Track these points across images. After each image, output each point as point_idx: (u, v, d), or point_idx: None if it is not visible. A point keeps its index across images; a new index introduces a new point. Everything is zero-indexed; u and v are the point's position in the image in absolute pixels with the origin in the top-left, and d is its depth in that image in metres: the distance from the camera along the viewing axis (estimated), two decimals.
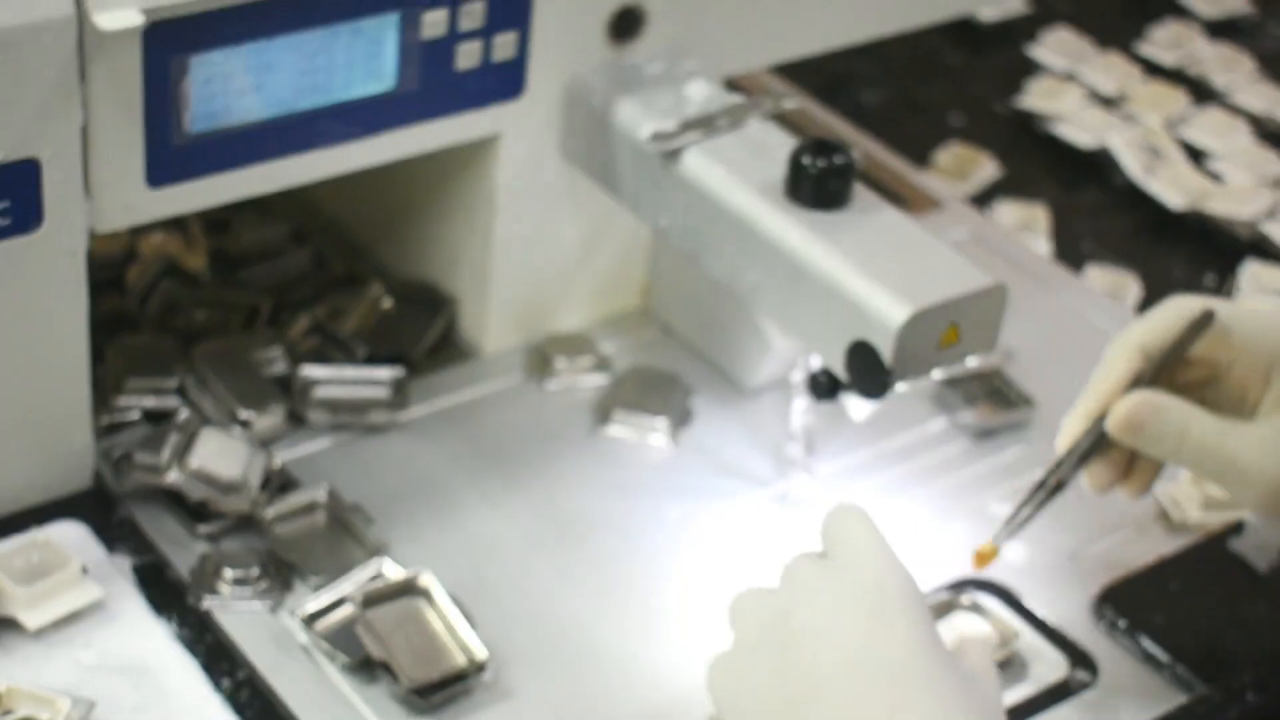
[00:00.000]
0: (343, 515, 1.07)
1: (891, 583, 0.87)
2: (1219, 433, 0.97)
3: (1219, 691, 1.04)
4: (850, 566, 0.88)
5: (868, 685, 0.84)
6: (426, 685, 0.98)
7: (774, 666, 0.87)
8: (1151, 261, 1.47)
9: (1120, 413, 0.98)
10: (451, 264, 1.22)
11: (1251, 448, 0.97)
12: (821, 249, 1.02)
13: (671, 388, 1.20)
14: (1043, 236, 1.46)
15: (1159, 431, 0.98)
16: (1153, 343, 1.00)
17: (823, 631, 0.86)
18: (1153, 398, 0.98)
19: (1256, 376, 0.99)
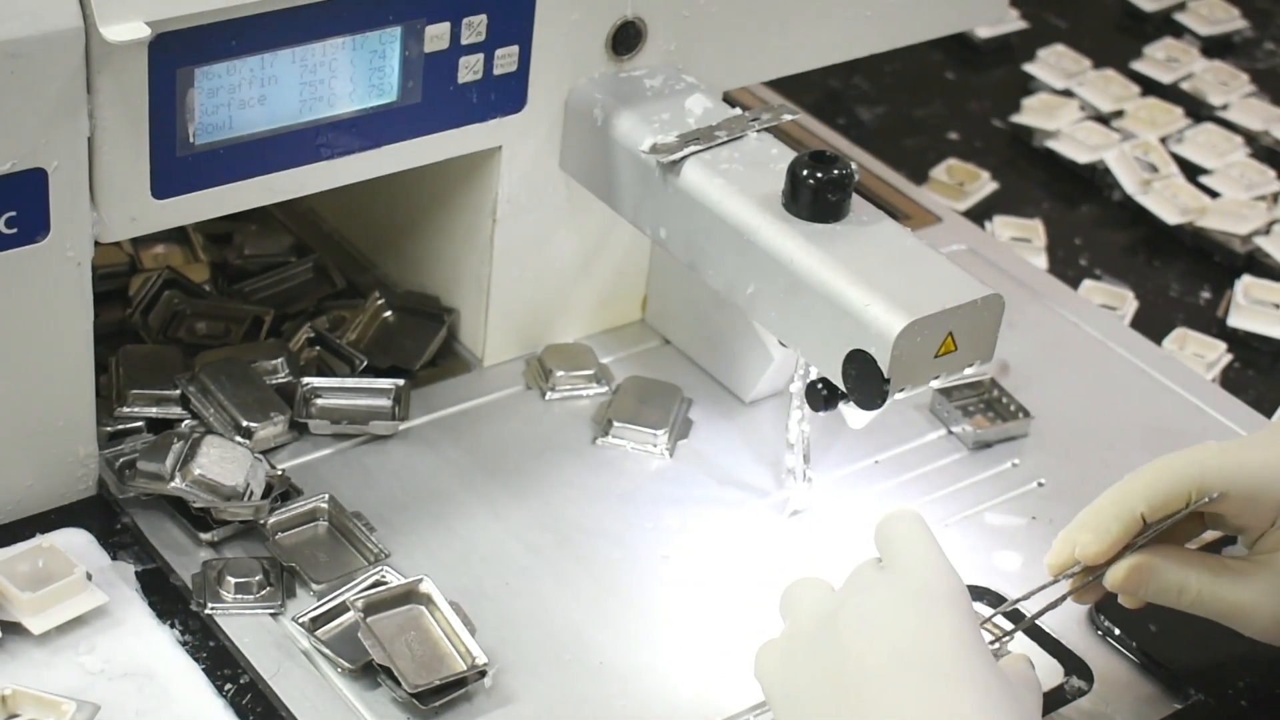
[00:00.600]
0: (344, 523, 1.08)
1: (941, 584, 0.92)
2: (1216, 587, 1.00)
3: (1213, 699, 1.05)
4: (902, 568, 0.93)
5: (916, 677, 0.88)
6: (427, 690, 0.99)
7: (825, 656, 0.90)
8: (1148, 277, 1.48)
9: (1119, 577, 1.00)
10: (452, 276, 1.23)
11: (1252, 594, 1.00)
12: (819, 260, 1.03)
13: (670, 399, 1.21)
14: (1040, 251, 1.47)
15: (1156, 591, 1.01)
16: (1151, 512, 1.01)
17: (875, 624, 0.90)
18: (1150, 561, 1.00)
19: (1258, 518, 1.01)
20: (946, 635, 0.89)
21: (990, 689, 0.89)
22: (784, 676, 0.93)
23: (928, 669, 0.88)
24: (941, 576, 0.92)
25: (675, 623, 1.06)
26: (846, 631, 0.90)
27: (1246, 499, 1.00)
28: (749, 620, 1.03)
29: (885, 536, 0.96)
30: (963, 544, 1.14)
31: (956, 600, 0.91)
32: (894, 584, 0.92)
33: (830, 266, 1.03)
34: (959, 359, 1.03)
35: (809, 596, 0.95)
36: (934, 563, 0.93)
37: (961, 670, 0.88)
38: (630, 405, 1.20)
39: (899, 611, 0.90)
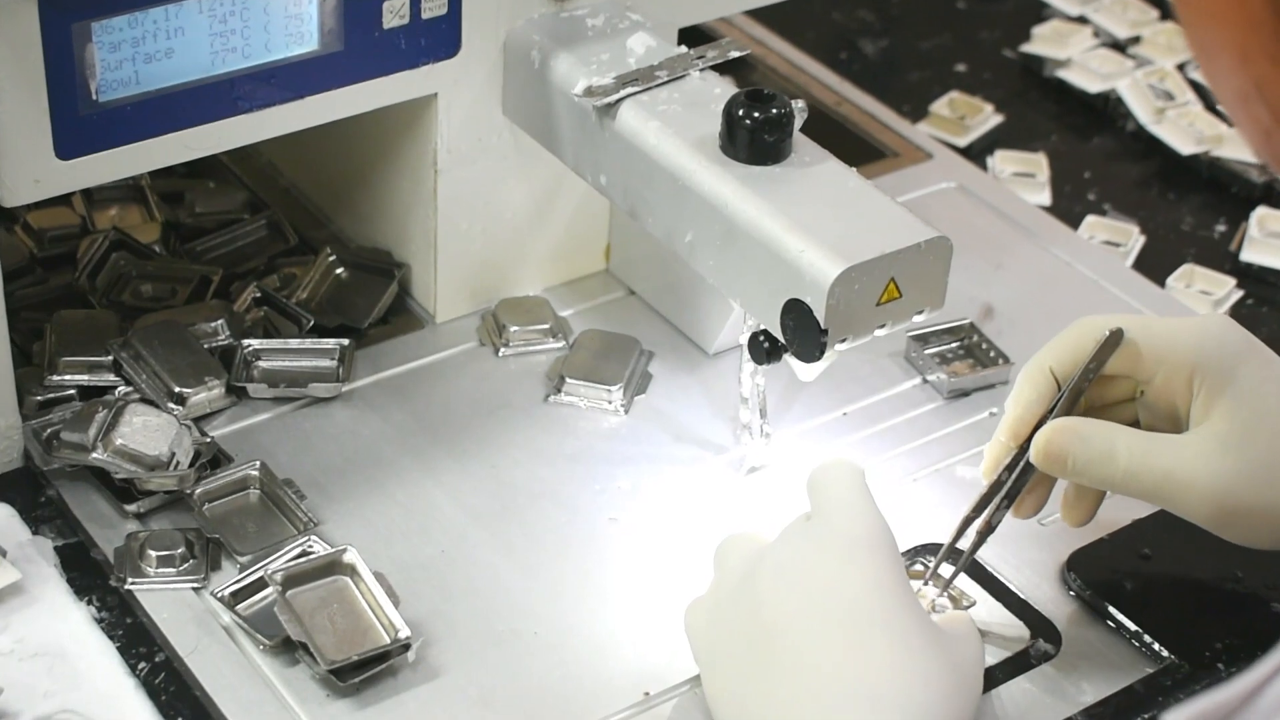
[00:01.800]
0: (275, 491, 1.04)
1: (862, 531, 0.89)
2: (1148, 450, 0.93)
3: (1188, 663, 0.98)
4: (824, 517, 0.90)
5: (825, 624, 0.86)
6: (346, 665, 0.94)
7: (743, 609, 0.89)
8: (1159, 211, 1.40)
9: (1040, 443, 0.95)
10: (401, 230, 1.18)
11: (1186, 461, 0.93)
12: (754, 205, 0.98)
13: (628, 353, 1.15)
14: (1043, 187, 1.40)
15: (1084, 458, 0.94)
16: (1061, 365, 0.96)
17: (791, 575, 0.88)
18: (1073, 423, 0.95)
19: (1180, 387, 0.95)
20: (863, 583, 0.87)
21: (909, 638, 0.86)
22: (706, 632, 0.91)
23: (840, 618, 0.86)
24: (862, 523, 0.89)
25: (618, 590, 1.02)
26: (763, 583, 0.88)
27: (1158, 352, 0.95)
28: (696, 585, 0.97)
29: (813, 487, 0.93)
30: (931, 499, 1.08)
31: (877, 547, 0.88)
32: (814, 533, 0.89)
33: (766, 212, 0.97)
34: (904, 306, 0.97)
35: (737, 551, 0.93)
36: (857, 510, 0.89)
37: (877, 619, 0.86)
38: (585, 360, 1.15)
39: (815, 560, 0.88)
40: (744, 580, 0.90)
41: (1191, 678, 0.98)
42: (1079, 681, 0.98)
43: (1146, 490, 0.93)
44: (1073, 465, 0.94)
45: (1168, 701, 0.97)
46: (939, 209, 1.30)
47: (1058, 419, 0.94)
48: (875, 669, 0.85)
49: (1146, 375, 0.95)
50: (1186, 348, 0.94)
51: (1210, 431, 0.93)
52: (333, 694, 0.94)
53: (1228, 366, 0.93)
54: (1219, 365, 0.93)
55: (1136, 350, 0.95)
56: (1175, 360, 0.94)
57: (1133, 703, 0.97)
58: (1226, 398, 0.93)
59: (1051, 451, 0.94)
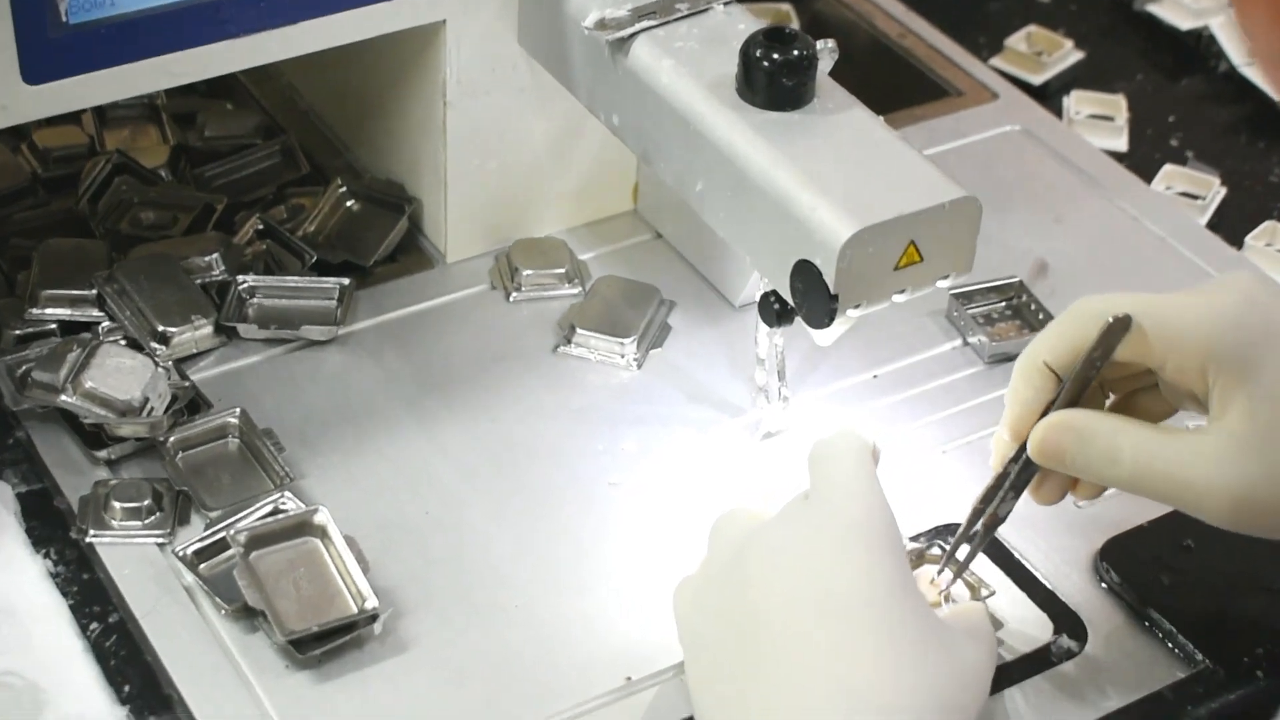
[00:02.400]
0: (254, 441, 0.98)
1: (859, 516, 0.82)
2: (1156, 452, 0.83)
3: (1223, 669, 0.90)
4: (822, 498, 0.83)
5: (816, 620, 0.79)
6: (306, 637, 0.88)
7: (731, 594, 0.83)
8: (1246, 160, 1.30)
9: (1036, 442, 0.86)
10: (412, 163, 1.11)
11: (1200, 465, 0.82)
12: (767, 155, 0.90)
13: (647, 303, 1.08)
14: (1121, 131, 1.31)
15: (1084, 458, 0.85)
16: (1057, 358, 0.86)
17: (781, 561, 0.82)
18: (1071, 420, 0.85)
19: (1193, 377, 0.84)
20: (856, 575, 0.80)
21: (902, 638, 0.79)
22: (692, 615, 0.85)
23: (830, 610, 0.79)
24: (861, 506, 0.82)
25: (610, 562, 0.95)
26: (753, 568, 0.82)
27: (1167, 339, 0.83)
28: (693, 560, 0.90)
29: (814, 462, 0.85)
30: (961, 473, 1.00)
31: (877, 533, 0.81)
32: (809, 516, 0.82)
33: (778, 162, 0.89)
34: (925, 271, 0.89)
35: (732, 529, 0.86)
36: (857, 491, 0.82)
37: (870, 613, 0.79)
38: (600, 309, 1.07)
39: (807, 547, 0.81)
40: (734, 562, 0.84)
41: (1226, 685, 0.90)
42: (1102, 684, 0.90)
43: (1155, 494, 0.84)
44: (1072, 464, 0.85)
45: (1197, 711, 0.89)
46: (998, 154, 1.21)
47: (1055, 414, 0.85)
48: (860, 670, 0.78)
49: (1156, 364, 0.85)
50: (1198, 335, 0.83)
51: (1227, 431, 0.82)
52: (292, 665, 0.88)
53: (1246, 355, 0.82)
54: (1236, 354, 0.83)
55: (1143, 336, 0.84)
56: (1186, 348, 0.83)
57: (1159, 711, 0.89)
58: (1245, 393, 0.82)
59: (1047, 451, 0.85)
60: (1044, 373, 0.85)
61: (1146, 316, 0.84)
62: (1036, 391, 0.86)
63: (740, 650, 0.81)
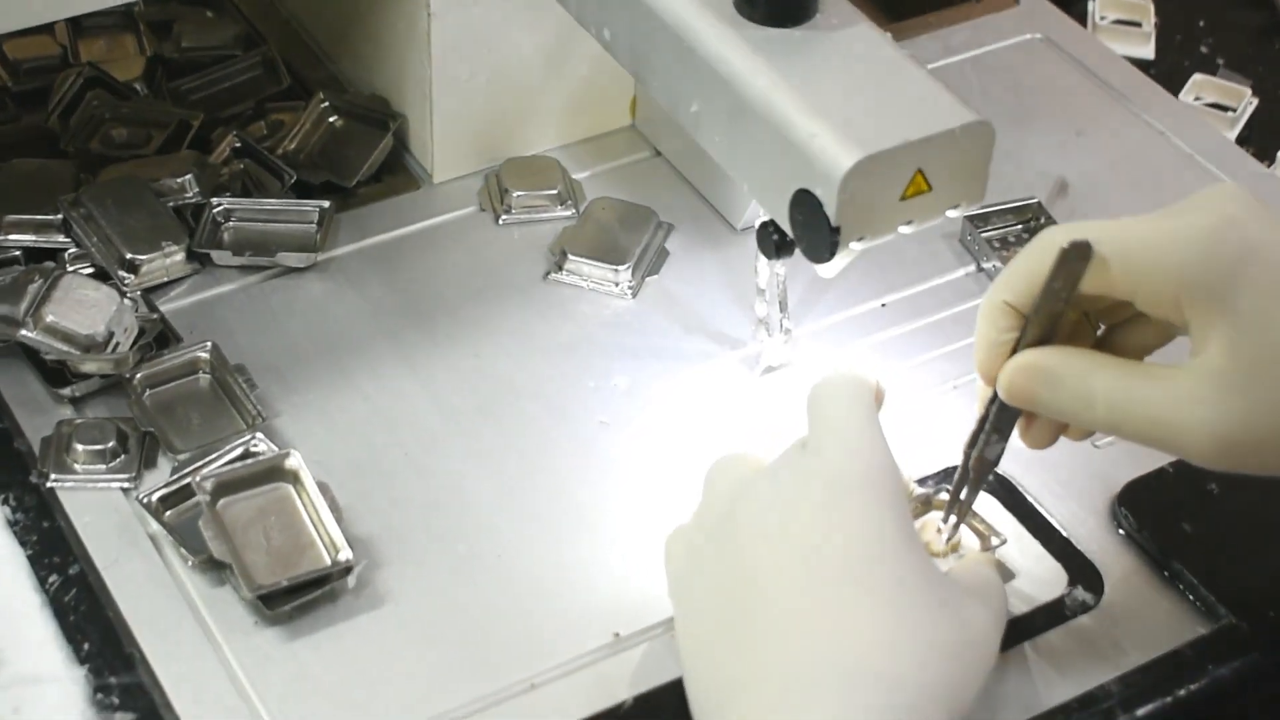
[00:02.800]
0: (225, 378, 0.93)
1: (858, 468, 0.76)
2: (1133, 394, 0.76)
3: (1249, 623, 0.85)
4: (818, 448, 0.78)
5: (811, 581, 0.74)
6: (275, 592, 0.83)
7: (722, 550, 0.77)
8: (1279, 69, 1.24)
9: (1004, 384, 0.79)
10: (396, 77, 1.05)
11: (1180, 405, 0.75)
12: (765, 75, 0.83)
13: (643, 226, 1.02)
14: (1148, 38, 1.24)
15: (1055, 400, 0.78)
16: (1018, 296, 0.79)
17: (773, 515, 0.76)
18: (1038, 361, 0.78)
19: (1167, 310, 0.77)
20: (855, 531, 0.74)
21: (904, 596, 0.74)
22: (684, 570, 0.80)
23: (825, 572, 0.74)
24: (861, 458, 0.76)
25: (598, 509, 0.89)
26: (745, 524, 0.77)
27: (1134, 268, 0.76)
28: (687, 508, 0.84)
29: (812, 406, 0.79)
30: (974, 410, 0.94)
31: (876, 487, 0.75)
32: (805, 468, 0.77)
33: (776, 84, 0.83)
34: (934, 201, 0.83)
35: (727, 478, 0.80)
36: (857, 441, 0.77)
37: (868, 574, 0.74)
38: (593, 234, 1.02)
39: (802, 501, 0.76)
40: (727, 515, 0.78)
41: (1252, 643, 0.84)
42: (1119, 639, 0.85)
43: (1135, 435, 0.77)
44: (1044, 407, 0.79)
45: (1220, 670, 0.83)
46: (1017, 65, 1.15)
47: (1022, 354, 0.79)
48: (856, 637, 0.73)
49: (1126, 295, 0.78)
50: (1169, 262, 0.76)
51: (1207, 368, 0.75)
52: (261, 621, 0.84)
53: (1223, 282, 0.75)
54: (1211, 281, 0.75)
55: (1105, 266, 0.77)
56: (1156, 278, 0.76)
57: (1179, 670, 0.84)
58: (1224, 325, 0.75)
59: (1016, 394, 0.79)
60: (1006, 311, 0.79)
61: (1111, 244, 0.77)
62: (1000, 331, 0.79)
63: (732, 613, 0.76)
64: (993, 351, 0.80)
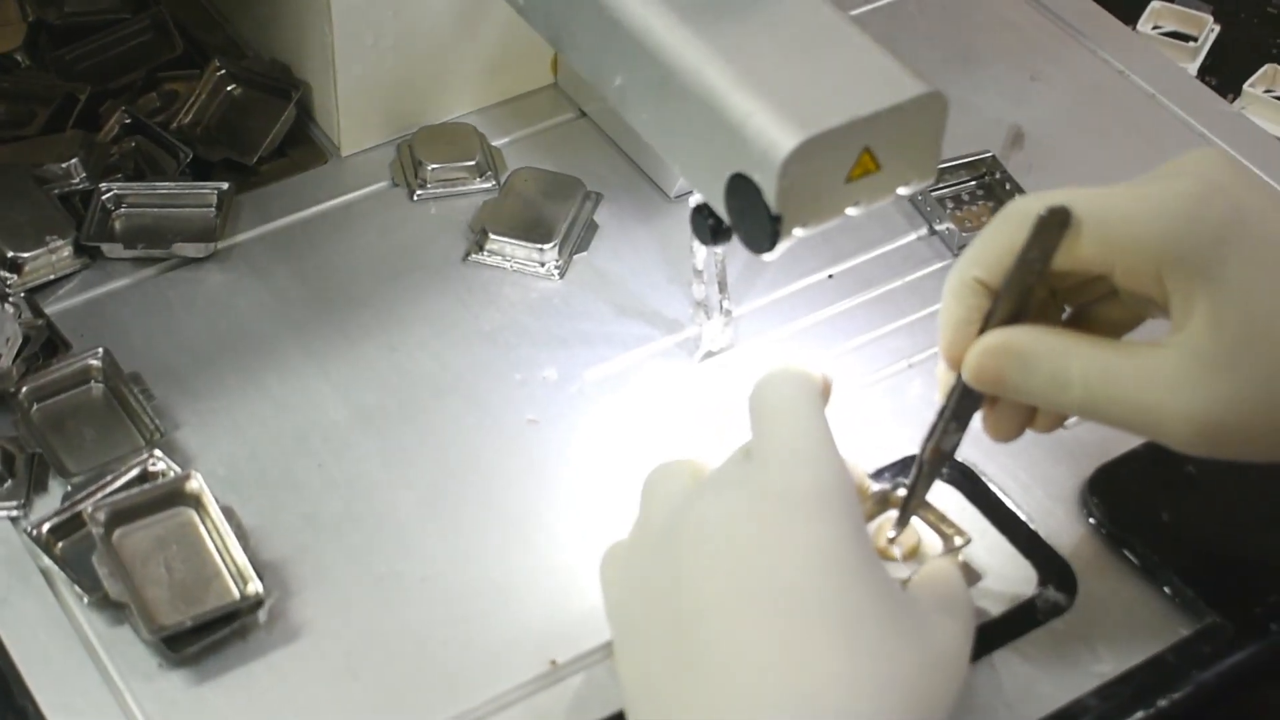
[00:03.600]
0: (119, 387, 0.85)
1: (807, 486, 0.69)
2: (1110, 373, 0.70)
3: (1232, 622, 0.79)
4: (762, 459, 0.71)
5: (759, 613, 0.67)
6: (179, 632, 0.76)
7: (664, 574, 0.70)
8: None
9: (971, 367, 0.73)
10: (297, 41, 0.97)
11: (1158, 383, 0.70)
12: (695, 48, 0.76)
13: (570, 198, 0.95)
14: None
15: (1027, 383, 0.72)
16: (991, 270, 0.73)
17: (718, 542, 0.69)
18: (1009, 341, 0.72)
19: (1148, 284, 0.71)
20: (806, 555, 0.68)
21: (862, 623, 0.67)
22: (622, 594, 0.73)
23: (776, 601, 0.67)
24: (809, 474, 0.69)
25: (532, 519, 0.82)
26: (686, 546, 0.70)
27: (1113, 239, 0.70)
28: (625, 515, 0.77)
29: (754, 410, 0.73)
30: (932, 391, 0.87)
31: (828, 506, 0.69)
32: (749, 483, 0.70)
33: (709, 57, 0.75)
34: (884, 181, 0.76)
35: (665, 491, 0.74)
36: (804, 454, 0.70)
37: (822, 602, 0.67)
38: (516, 208, 0.94)
39: (746, 524, 0.69)
40: (667, 534, 0.72)
41: (1236, 642, 0.78)
42: (1095, 644, 0.79)
43: (1113, 420, 0.71)
44: (1015, 390, 0.72)
45: (1204, 675, 0.77)
46: (965, 8, 1.07)
47: (991, 333, 0.72)
48: (810, 670, 0.66)
49: (1103, 268, 0.71)
50: (1150, 232, 0.70)
51: (1190, 346, 0.69)
52: (165, 664, 0.77)
53: (1207, 253, 0.69)
54: (1194, 253, 0.69)
55: (1080, 237, 0.71)
56: (1136, 249, 0.70)
57: (1161, 678, 0.78)
58: (1208, 298, 0.69)
59: (985, 377, 0.73)
60: (975, 288, 0.73)
61: (1088, 213, 0.71)
62: (969, 310, 0.73)
63: (676, 644, 0.69)
64: (960, 331, 0.74)
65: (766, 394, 0.73)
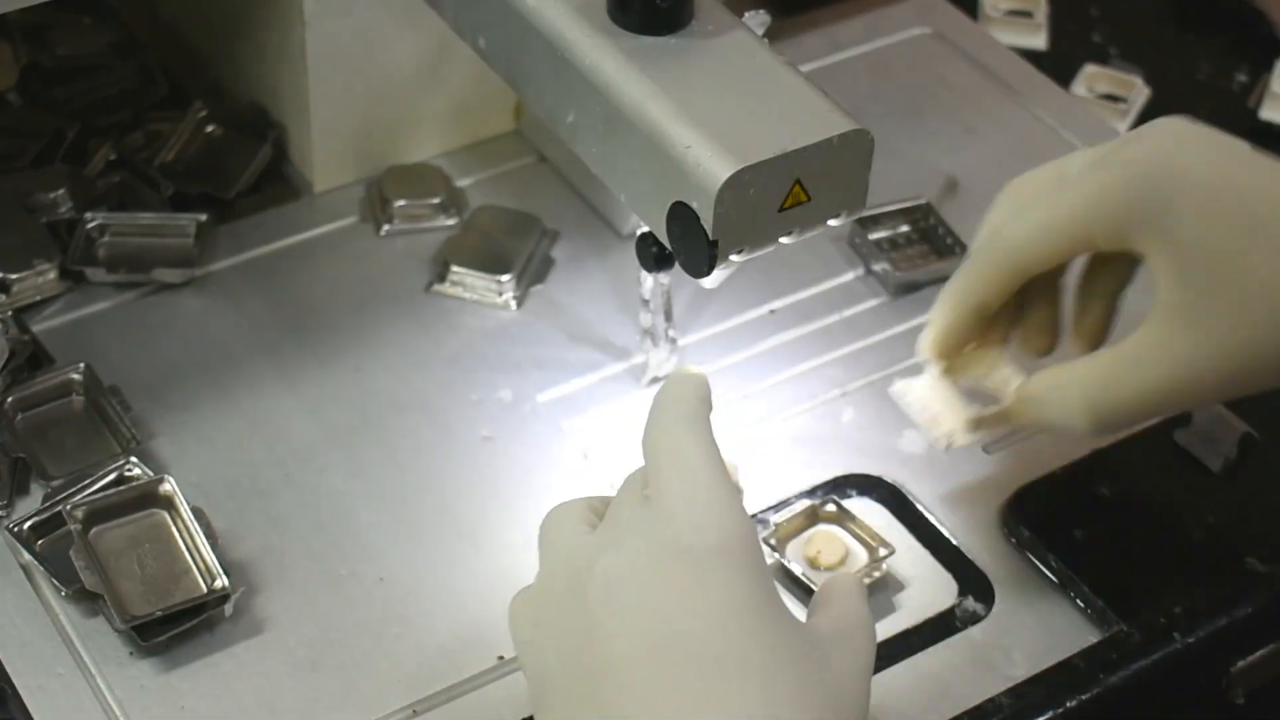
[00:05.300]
0: (99, 400, 0.91)
1: (710, 538, 0.69)
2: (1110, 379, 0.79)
3: (1138, 631, 0.84)
4: (663, 508, 0.71)
5: (675, 668, 0.68)
6: (149, 622, 0.81)
7: (574, 631, 0.70)
8: (1174, 56, 1.23)
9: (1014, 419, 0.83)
10: (273, 86, 1.03)
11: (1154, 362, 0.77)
12: (639, 85, 0.82)
13: (527, 234, 1.01)
14: (1040, 29, 1.23)
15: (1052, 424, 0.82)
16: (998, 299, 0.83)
17: (625, 597, 0.69)
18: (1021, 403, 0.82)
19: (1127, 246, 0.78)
20: (715, 608, 0.68)
21: (776, 669, 0.68)
22: (533, 644, 0.73)
23: (687, 656, 0.67)
24: (713, 522, 0.69)
25: (481, 527, 0.88)
26: (594, 604, 0.70)
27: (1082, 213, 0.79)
28: None
29: (649, 447, 0.73)
30: (863, 419, 0.94)
31: (733, 556, 0.69)
32: (651, 534, 0.70)
33: (651, 94, 0.81)
34: (814, 211, 0.81)
35: (563, 537, 0.74)
36: (704, 501, 0.70)
37: (731, 653, 0.67)
38: (476, 243, 1.00)
39: (654, 579, 0.69)
40: (572, 587, 0.71)
41: (1141, 650, 0.84)
42: (1010, 650, 0.84)
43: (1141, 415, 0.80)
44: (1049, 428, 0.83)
45: (1110, 678, 0.83)
46: (907, 61, 1.14)
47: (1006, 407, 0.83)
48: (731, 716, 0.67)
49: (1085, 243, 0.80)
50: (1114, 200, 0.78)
51: (1164, 307, 0.77)
52: (136, 653, 0.82)
53: (1160, 217, 0.76)
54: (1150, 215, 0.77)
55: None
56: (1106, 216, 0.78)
57: (1069, 680, 0.83)
58: (1168, 257, 0.76)
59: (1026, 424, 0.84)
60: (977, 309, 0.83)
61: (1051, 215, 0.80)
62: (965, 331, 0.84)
63: (593, 696, 0.69)
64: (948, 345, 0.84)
65: (657, 431, 0.74)
